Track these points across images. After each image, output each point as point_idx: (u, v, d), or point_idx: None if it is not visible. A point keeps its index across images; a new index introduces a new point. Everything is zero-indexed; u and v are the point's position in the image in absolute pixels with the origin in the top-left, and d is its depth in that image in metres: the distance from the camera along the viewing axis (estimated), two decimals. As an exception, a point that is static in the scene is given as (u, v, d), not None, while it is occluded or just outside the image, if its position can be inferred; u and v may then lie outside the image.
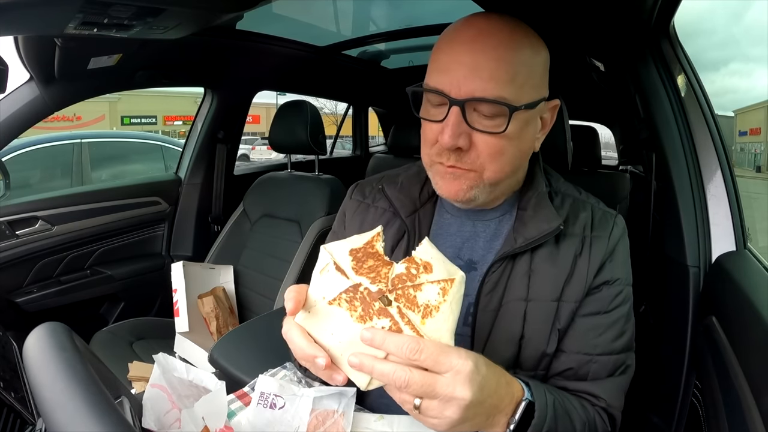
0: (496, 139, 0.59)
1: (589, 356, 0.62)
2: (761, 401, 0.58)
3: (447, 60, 0.60)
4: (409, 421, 0.63)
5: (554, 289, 0.63)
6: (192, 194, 1.93)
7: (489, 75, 0.57)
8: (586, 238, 0.65)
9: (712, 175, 0.94)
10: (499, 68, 0.57)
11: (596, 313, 0.63)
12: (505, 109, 0.57)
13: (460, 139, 0.58)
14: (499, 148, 0.59)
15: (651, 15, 0.88)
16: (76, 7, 0.80)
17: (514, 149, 0.61)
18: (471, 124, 0.58)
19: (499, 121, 0.58)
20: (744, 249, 0.91)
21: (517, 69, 0.58)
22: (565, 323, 0.63)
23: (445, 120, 0.59)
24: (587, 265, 0.63)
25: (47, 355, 0.46)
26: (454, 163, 0.60)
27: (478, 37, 0.59)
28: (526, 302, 0.63)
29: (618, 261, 0.65)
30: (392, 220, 0.72)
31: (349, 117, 3.01)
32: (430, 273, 0.47)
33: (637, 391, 0.67)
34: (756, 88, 31.74)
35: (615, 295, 0.64)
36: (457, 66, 0.58)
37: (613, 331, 0.63)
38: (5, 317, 1.46)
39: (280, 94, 7.87)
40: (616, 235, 0.66)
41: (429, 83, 0.61)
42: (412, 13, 1.77)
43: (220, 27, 1.47)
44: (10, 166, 1.41)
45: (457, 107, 0.58)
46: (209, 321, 1.48)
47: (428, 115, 0.63)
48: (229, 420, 0.61)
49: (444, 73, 0.59)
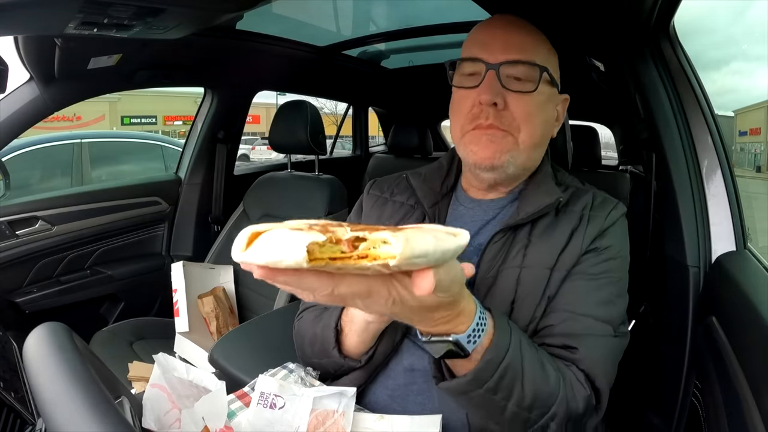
0: (528, 99, 0.65)
1: (570, 314, 0.62)
2: (761, 401, 0.58)
3: (484, 35, 0.68)
4: (410, 421, 0.63)
5: (549, 258, 0.65)
6: (192, 194, 1.93)
7: (522, 44, 0.66)
8: (584, 216, 0.68)
9: (712, 175, 0.94)
10: (531, 41, 0.67)
11: (582, 275, 0.65)
12: (536, 70, 0.65)
13: (497, 97, 0.64)
14: (531, 109, 0.65)
15: (651, 15, 0.88)
16: (76, 7, 0.80)
17: (542, 115, 0.68)
18: (505, 85, 0.65)
19: (529, 84, 0.65)
20: (744, 249, 0.91)
21: (544, 49, 0.68)
22: (554, 290, 0.64)
23: (482, 82, 0.65)
24: (582, 237, 0.66)
25: (47, 355, 0.46)
26: (493, 121, 0.65)
27: (512, 22, 0.69)
28: (521, 269, 0.65)
29: (611, 234, 0.67)
30: (410, 213, 0.75)
31: (349, 117, 3.00)
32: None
33: (637, 391, 0.67)
34: (757, 88, 31.73)
35: (602, 262, 0.66)
36: (495, 37, 0.67)
37: (597, 296, 0.64)
38: (5, 317, 1.46)
39: (280, 94, 7.87)
40: (614, 216, 0.69)
41: (465, 55, 0.68)
42: (412, 13, 1.77)
43: (220, 27, 1.47)
44: (10, 166, 1.41)
45: (493, 71, 0.64)
46: (209, 321, 1.48)
47: (462, 83, 0.68)
48: (230, 420, 0.61)
49: (480, 45, 0.67)
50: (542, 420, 0.55)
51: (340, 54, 2.04)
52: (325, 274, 0.34)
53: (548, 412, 0.55)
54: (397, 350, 0.71)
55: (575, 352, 0.60)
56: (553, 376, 0.56)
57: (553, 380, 0.56)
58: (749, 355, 0.65)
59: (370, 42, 2.00)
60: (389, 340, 0.70)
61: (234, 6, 0.96)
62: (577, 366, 0.60)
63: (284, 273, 0.33)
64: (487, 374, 0.49)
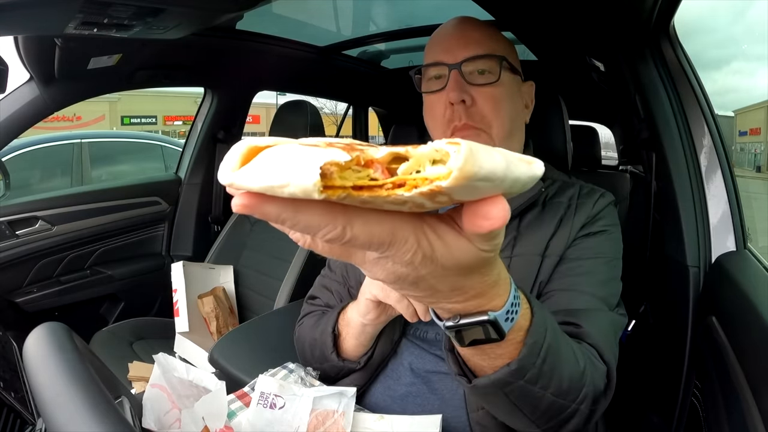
0: (493, 91, 0.68)
1: (567, 292, 0.63)
2: (761, 401, 0.58)
3: (439, 39, 0.72)
4: (410, 421, 0.63)
5: (539, 245, 0.66)
6: (192, 194, 1.93)
7: (478, 39, 0.69)
8: (571, 205, 0.70)
9: (712, 175, 0.94)
10: (486, 35, 0.70)
11: (575, 258, 0.66)
12: (495, 61, 0.68)
13: (463, 94, 0.66)
14: (498, 99, 0.68)
15: (651, 15, 0.88)
16: (76, 7, 0.80)
17: (510, 104, 0.70)
18: (469, 81, 0.68)
19: (492, 75, 0.68)
20: (744, 249, 0.91)
21: (499, 39, 0.72)
22: (547, 276, 0.65)
23: (447, 83, 0.68)
24: (571, 224, 0.68)
25: (47, 355, 0.46)
26: (466, 119, 0.67)
27: (465, 21, 0.72)
28: (511, 258, 0.67)
29: (602, 220, 0.69)
30: None
31: (349, 117, 3.00)
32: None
33: (637, 391, 0.67)
34: (758, 87, 31.72)
35: (594, 245, 0.67)
36: (450, 39, 0.70)
37: (593, 276, 0.64)
38: (5, 317, 1.46)
39: (280, 94, 7.87)
40: (602, 203, 0.70)
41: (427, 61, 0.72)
42: (412, 13, 1.77)
43: (220, 27, 1.47)
44: (10, 166, 1.41)
45: (455, 70, 0.67)
46: (209, 321, 1.48)
47: (430, 88, 0.72)
48: (230, 420, 0.61)
49: (440, 48, 0.70)
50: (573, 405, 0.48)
51: (340, 54, 2.04)
52: (336, 206, 0.24)
53: (579, 396, 0.48)
54: (396, 351, 0.71)
55: (579, 327, 0.56)
56: (579, 354, 0.49)
57: (581, 358, 0.49)
58: (749, 355, 0.65)
59: (370, 42, 1.99)
60: (387, 341, 0.70)
61: (234, 6, 0.96)
62: (585, 341, 0.55)
63: (278, 202, 0.23)
64: (532, 360, 0.40)
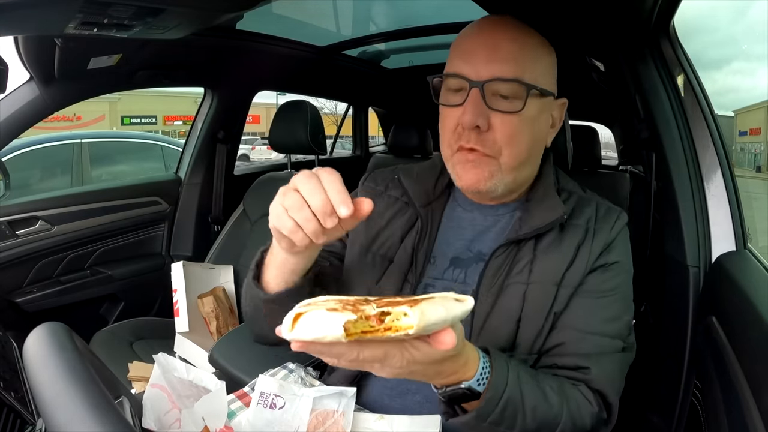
0: (513, 120, 0.62)
1: (581, 333, 0.63)
2: (761, 401, 0.58)
3: (468, 45, 0.64)
4: (409, 421, 0.63)
5: (555, 274, 0.64)
6: (192, 194, 1.93)
7: (508, 56, 0.61)
8: (589, 230, 0.67)
9: (712, 175, 0.93)
10: (518, 51, 0.62)
11: (591, 293, 0.65)
12: (523, 88, 0.61)
13: (479, 118, 0.61)
14: (516, 130, 0.62)
15: (651, 15, 0.88)
16: (76, 7, 0.80)
17: (529, 134, 0.64)
18: (489, 105, 0.61)
19: (517, 102, 0.61)
20: (744, 249, 0.91)
21: (534, 56, 0.63)
22: (562, 307, 0.64)
23: (465, 101, 0.62)
24: (588, 252, 0.65)
25: (47, 355, 0.46)
26: (474, 144, 0.62)
27: (498, 25, 0.64)
28: (527, 285, 0.64)
29: (617, 249, 0.67)
30: (403, 209, 0.74)
31: (349, 117, 3.00)
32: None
33: (637, 391, 0.67)
34: (758, 87, 31.68)
35: (609, 279, 0.65)
36: (479, 48, 0.62)
37: (606, 313, 0.64)
38: (5, 317, 1.46)
39: (280, 94, 7.87)
40: (618, 227, 0.68)
41: (449, 70, 0.65)
42: (412, 13, 1.77)
43: (220, 27, 1.47)
44: (10, 166, 1.41)
45: (477, 89, 0.61)
46: (209, 321, 1.48)
47: (448, 101, 0.65)
48: (230, 420, 0.61)
49: (465, 58, 0.63)
50: None
51: (340, 54, 2.04)
52: (353, 342, 0.39)
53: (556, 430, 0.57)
54: None
55: (587, 372, 0.62)
56: (555, 400, 0.57)
57: (556, 403, 0.57)
58: (749, 355, 0.65)
59: (370, 42, 1.99)
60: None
61: (234, 6, 0.96)
62: (588, 385, 0.62)
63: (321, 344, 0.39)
64: (489, 409, 0.53)
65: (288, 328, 0.39)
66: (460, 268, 0.69)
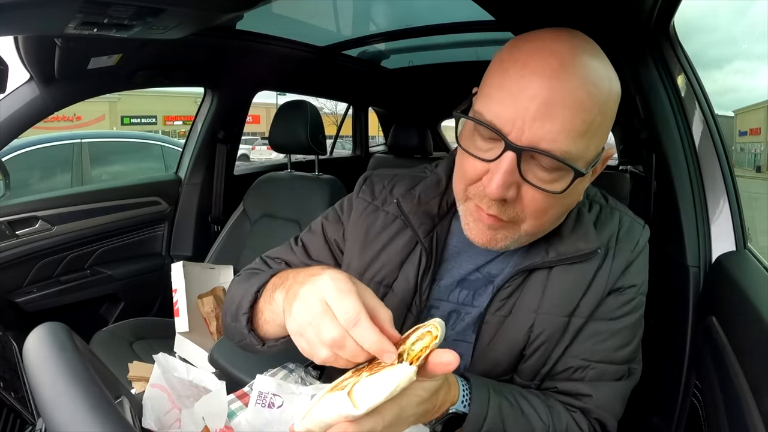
0: (548, 198, 0.52)
1: (587, 362, 0.61)
2: (761, 401, 0.58)
3: (515, 88, 0.49)
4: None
5: (568, 304, 0.60)
6: (192, 194, 1.93)
7: (562, 123, 0.48)
8: (610, 250, 0.62)
9: (712, 175, 0.93)
10: (576, 117, 0.48)
11: (603, 319, 0.61)
12: (570, 171, 0.50)
13: (509, 191, 0.51)
14: (546, 206, 0.53)
15: (651, 15, 0.88)
16: (76, 7, 0.80)
17: (560, 207, 0.56)
18: (524, 175, 0.50)
19: (557, 178, 0.51)
20: (744, 249, 0.91)
21: (594, 117, 0.49)
22: (570, 339, 0.61)
23: (496, 163, 0.50)
24: (607, 275, 0.61)
25: (47, 355, 0.46)
26: (495, 213, 0.53)
27: (559, 70, 0.48)
28: (536, 314, 0.60)
29: (636, 269, 0.63)
30: (402, 230, 0.67)
31: (349, 117, 3.00)
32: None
33: (637, 391, 0.67)
34: (758, 87, 31.68)
35: (624, 304, 0.62)
36: (528, 100, 0.48)
37: (616, 340, 0.62)
38: (5, 317, 1.46)
39: (280, 94, 7.87)
40: (641, 246, 0.64)
41: (485, 113, 0.51)
42: (412, 13, 1.77)
43: (220, 27, 1.47)
44: (10, 166, 1.40)
45: (514, 154, 0.49)
46: (209, 321, 1.48)
47: (474, 149, 0.53)
48: (230, 420, 0.61)
49: (507, 104, 0.49)
50: None
51: (340, 54, 2.04)
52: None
53: None
54: None
55: (587, 400, 0.61)
56: (540, 427, 0.57)
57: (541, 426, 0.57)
58: (749, 355, 0.65)
59: (370, 42, 1.99)
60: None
61: (234, 6, 0.96)
62: (586, 414, 0.61)
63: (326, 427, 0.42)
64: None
65: (300, 420, 0.44)
66: (467, 290, 0.65)
